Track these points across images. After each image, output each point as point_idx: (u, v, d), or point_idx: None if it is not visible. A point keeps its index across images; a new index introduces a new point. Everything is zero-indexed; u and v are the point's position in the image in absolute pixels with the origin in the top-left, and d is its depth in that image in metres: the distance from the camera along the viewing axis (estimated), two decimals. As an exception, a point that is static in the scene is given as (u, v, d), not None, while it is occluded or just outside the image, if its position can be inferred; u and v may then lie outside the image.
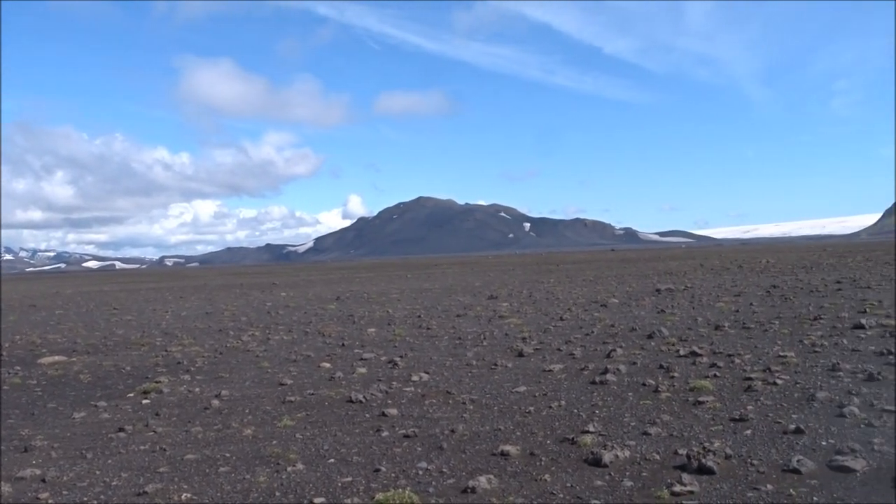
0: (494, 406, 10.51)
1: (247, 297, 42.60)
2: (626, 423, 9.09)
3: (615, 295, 29.51)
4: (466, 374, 13.17)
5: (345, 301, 34.46)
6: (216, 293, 49.00)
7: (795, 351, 13.57)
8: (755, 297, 25.02)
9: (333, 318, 25.65)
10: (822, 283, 29.88)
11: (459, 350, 16.24)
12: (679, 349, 14.44)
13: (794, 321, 17.92)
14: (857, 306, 20.38)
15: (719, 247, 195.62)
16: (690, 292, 29.08)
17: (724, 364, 12.63)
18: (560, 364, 13.58)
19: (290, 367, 15.00)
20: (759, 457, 7.45)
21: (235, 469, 7.99)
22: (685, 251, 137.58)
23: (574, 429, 8.93)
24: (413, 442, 8.76)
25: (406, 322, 22.85)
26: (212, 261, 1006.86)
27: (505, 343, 16.99)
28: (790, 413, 9.14)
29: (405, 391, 11.85)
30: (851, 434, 8.05)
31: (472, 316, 23.89)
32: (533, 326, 19.94)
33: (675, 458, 7.53)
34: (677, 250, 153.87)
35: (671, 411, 9.61)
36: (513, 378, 12.59)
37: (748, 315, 19.79)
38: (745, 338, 15.72)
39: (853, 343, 14.13)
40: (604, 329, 18.50)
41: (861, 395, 9.76)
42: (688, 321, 19.20)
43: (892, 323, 16.27)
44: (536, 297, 31.27)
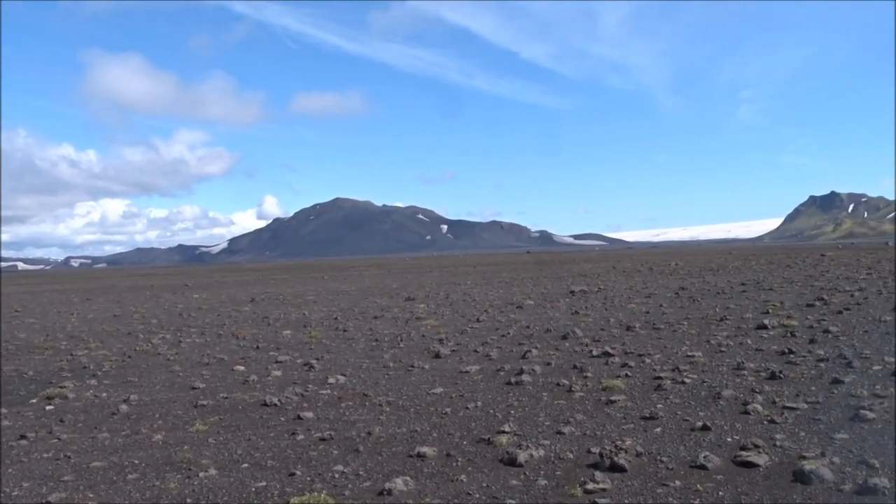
0: (411, 408, 10.52)
1: (157, 299, 41.45)
2: (541, 423, 9.22)
3: (531, 297, 29.90)
4: (383, 376, 13.13)
5: (260, 303, 33.91)
6: (125, 295, 47.51)
7: (703, 351, 14.02)
8: (665, 299, 25.72)
9: (248, 320, 25.21)
10: (727, 286, 30.93)
11: (376, 352, 16.18)
12: (592, 349, 14.73)
13: (701, 322, 18.50)
14: (761, 307, 21.17)
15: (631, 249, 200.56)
16: (603, 294, 29.69)
17: (636, 364, 12.95)
18: (476, 365, 13.68)
19: (203, 370, 14.68)
20: (669, 454, 7.66)
21: (144, 476, 7.77)
22: (598, 254, 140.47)
23: (490, 429, 9.01)
24: (329, 445, 8.68)
25: (322, 324, 22.64)
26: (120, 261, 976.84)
27: (422, 345, 17.02)
28: (697, 411, 9.44)
29: (321, 394, 11.74)
30: (755, 430, 8.37)
31: (390, 318, 23.84)
32: (450, 328, 20.03)
33: (589, 457, 7.68)
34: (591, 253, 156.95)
35: (584, 410, 9.79)
36: (430, 379, 12.62)
37: (658, 316, 20.34)
38: (655, 338, 16.15)
39: (757, 343, 14.68)
40: (519, 330, 18.72)
41: (764, 393, 10.15)
42: (601, 322, 19.61)
43: (793, 323, 16.97)
44: (453, 298, 31.42)
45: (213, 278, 75.86)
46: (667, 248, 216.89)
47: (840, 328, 15.81)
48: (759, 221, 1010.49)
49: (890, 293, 23.40)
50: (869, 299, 21.82)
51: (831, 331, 15.45)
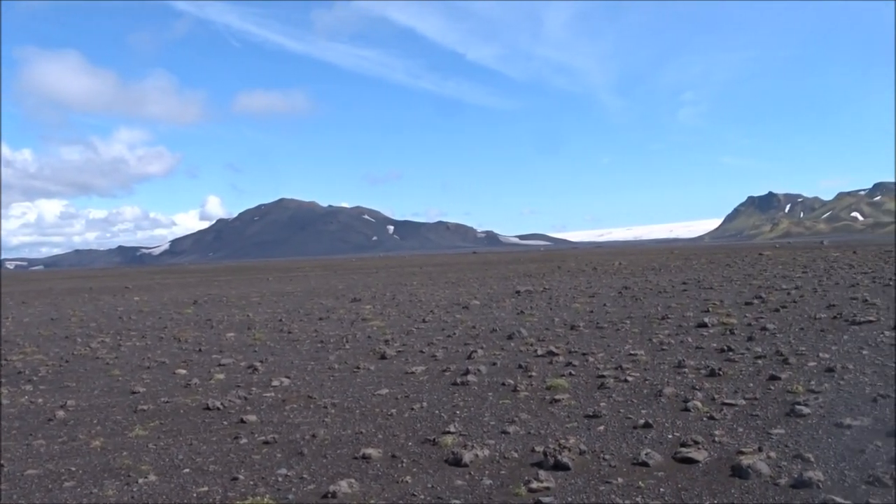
0: (356, 409, 10.47)
1: (96, 301, 40.51)
2: (486, 423, 9.26)
3: (477, 297, 30.00)
4: (328, 378, 13.05)
5: (202, 305, 33.38)
6: (62, 298, 46.32)
7: (645, 349, 14.23)
8: (608, 298, 26.05)
9: (190, 322, 24.80)
10: (669, 285, 31.46)
11: (321, 354, 16.06)
12: (537, 349, 14.84)
13: (643, 321, 18.78)
14: (701, 306, 21.58)
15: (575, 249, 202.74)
16: (548, 294, 29.94)
17: (579, 363, 13.09)
18: (422, 366, 13.68)
19: (143, 374, 14.39)
20: (611, 451, 7.77)
21: (82, 483, 7.58)
22: (544, 254, 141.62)
23: (435, 430, 9.02)
24: (273, 448, 8.59)
25: (267, 326, 22.39)
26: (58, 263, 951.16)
27: (368, 346, 16.95)
28: (640, 408, 9.59)
29: (265, 397, 11.61)
30: (695, 427, 8.53)
31: (335, 319, 23.69)
32: (396, 329, 19.99)
33: (533, 456, 7.73)
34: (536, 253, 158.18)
35: (529, 410, 9.87)
36: (375, 381, 12.58)
37: (602, 315, 20.59)
38: (599, 337, 16.35)
39: (697, 341, 14.96)
40: (465, 331, 18.77)
41: (704, 390, 10.36)
42: (545, 322, 19.77)
43: (732, 321, 17.34)
44: (399, 299, 31.36)
45: (154, 280, 74.44)
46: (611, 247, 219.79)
47: (777, 326, 16.20)
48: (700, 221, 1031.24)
49: (825, 291, 24.07)
50: (804, 297, 22.41)
51: (768, 328, 15.83)
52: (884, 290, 23.21)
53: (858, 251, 61.32)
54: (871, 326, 15.39)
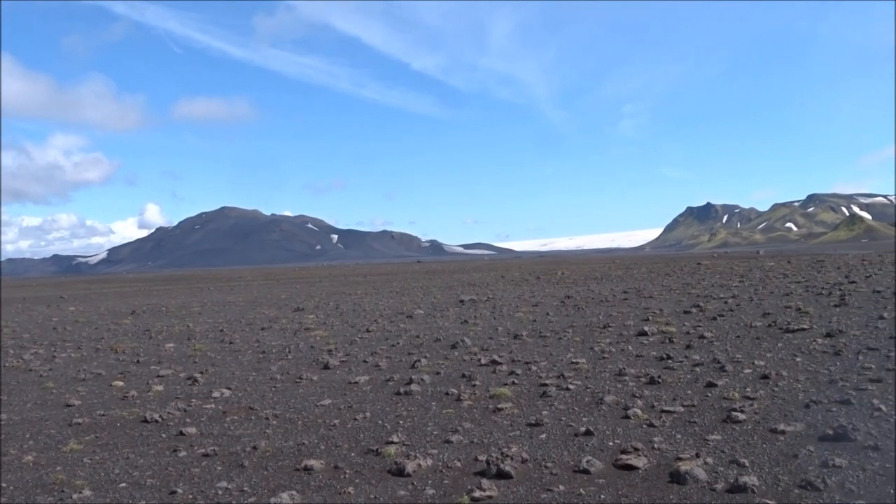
0: (298, 420, 10.37)
1: (30, 312, 39.34)
2: (430, 433, 9.27)
3: (421, 306, 30.00)
4: (270, 389, 12.90)
5: (141, 315, 32.69)
6: (-6, 308, 44.87)
7: (586, 357, 14.40)
8: (551, 307, 26.28)
9: (128, 333, 24.26)
10: (610, 294, 31.89)
11: (263, 364, 15.88)
12: (481, 358, 14.90)
13: (585, 329, 19.00)
14: (641, 315, 21.93)
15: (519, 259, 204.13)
16: (492, 303, 30.08)
17: (522, 371, 13.18)
18: (366, 376, 13.61)
19: (79, 386, 14.03)
20: (553, 459, 7.84)
21: (13, 500, 7.35)
22: (488, 263, 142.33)
23: (378, 440, 8.99)
24: (212, 461, 8.46)
25: (207, 336, 22.04)
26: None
27: (310, 356, 16.80)
28: (581, 416, 9.70)
29: (205, 408, 11.42)
30: (635, 434, 8.67)
31: (278, 329, 23.44)
32: (339, 338, 19.86)
33: (476, 465, 7.76)
34: (480, 262, 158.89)
35: (472, 419, 9.90)
36: (318, 391, 12.48)
37: (544, 324, 20.77)
38: (542, 346, 16.49)
39: (637, 349, 15.20)
40: (409, 340, 18.74)
41: (643, 398, 10.52)
42: (489, 331, 19.86)
43: (671, 330, 17.66)
44: (343, 308, 31.17)
45: (90, 290, 72.65)
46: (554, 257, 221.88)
47: (714, 334, 16.56)
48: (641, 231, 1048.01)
49: (760, 300, 24.67)
50: (741, 306, 22.93)
51: (706, 336, 16.16)
52: (816, 298, 23.89)
53: (792, 261, 63.04)
54: (805, 334, 15.82)
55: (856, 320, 17.47)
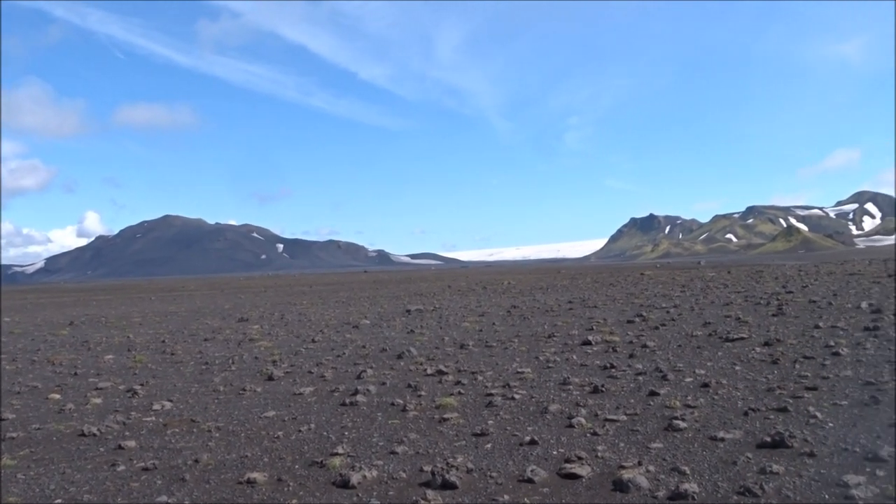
0: (242, 433, 10.22)
1: (-38, 323, 38.07)
2: (375, 443, 9.22)
3: (367, 316, 29.88)
4: (213, 401, 12.70)
5: (79, 326, 31.89)
6: (-77, 319, 43.31)
7: (532, 367, 14.50)
8: (497, 317, 26.42)
9: (66, 344, 23.65)
10: (556, 303, 32.17)
11: (206, 375, 15.62)
12: (427, 368, 14.89)
13: (531, 339, 19.14)
14: (586, 324, 22.17)
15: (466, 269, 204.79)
16: (439, 313, 30.11)
17: (468, 381, 13.21)
18: (311, 386, 13.50)
19: (13, 399, 13.61)
20: (498, 469, 7.86)
21: (-59, 518, 7.10)
22: (435, 273, 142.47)
23: (323, 451, 8.91)
24: (152, 475, 8.28)
25: (148, 347, 21.61)
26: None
27: (255, 367, 16.60)
28: (526, 426, 9.75)
29: (145, 421, 11.18)
30: (579, 443, 8.75)
31: (221, 340, 23.10)
32: (284, 349, 19.66)
33: (421, 475, 7.74)
34: (427, 272, 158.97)
35: (418, 429, 9.88)
36: (262, 403, 12.33)
37: (491, 334, 20.86)
38: (488, 356, 16.55)
39: (581, 358, 15.36)
40: (355, 350, 18.65)
41: (587, 407, 10.63)
42: (435, 341, 19.86)
43: (615, 339, 17.89)
44: (288, 319, 30.88)
45: (27, 300, 70.59)
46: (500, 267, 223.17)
47: (657, 343, 16.83)
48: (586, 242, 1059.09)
49: (701, 309, 25.15)
50: (682, 315, 23.35)
51: (649, 346, 16.41)
52: (755, 308, 24.44)
53: (732, 271, 64.42)
54: (744, 343, 16.17)
55: (792, 329, 17.91)
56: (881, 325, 17.18)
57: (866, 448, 7.79)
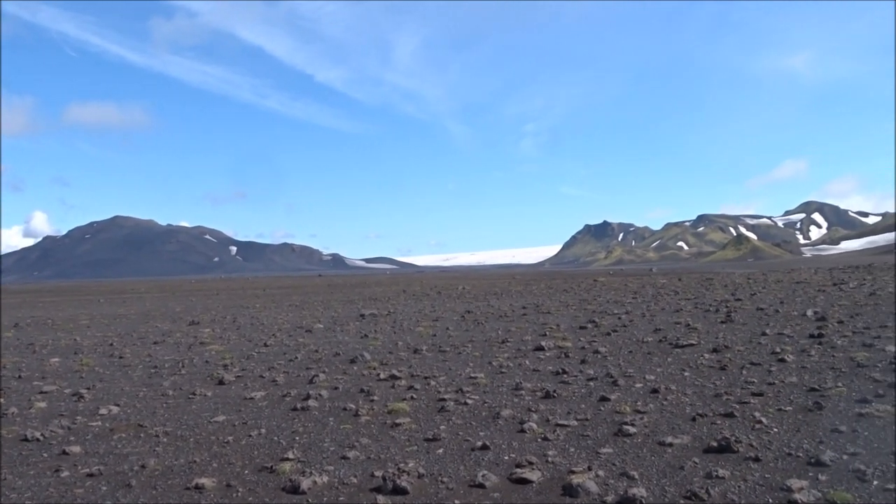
0: (190, 437, 10.08)
1: None
2: (326, 449, 9.16)
3: (320, 320, 29.69)
4: (161, 405, 12.49)
5: (24, 328, 31.13)
6: None
7: (485, 372, 14.55)
8: (451, 322, 26.46)
9: (9, 347, 23.06)
10: (510, 309, 32.32)
11: (155, 379, 15.38)
12: (380, 373, 14.85)
13: (484, 344, 19.20)
14: (539, 330, 22.32)
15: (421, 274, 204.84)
16: (393, 317, 30.05)
17: (421, 386, 13.21)
18: (262, 391, 13.37)
19: (-47, 403, 13.24)
20: (449, 474, 7.87)
21: None
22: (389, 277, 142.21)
23: (273, 457, 8.83)
24: (97, 481, 8.11)
25: (96, 350, 21.19)
26: None
27: (205, 371, 16.38)
28: (478, 431, 9.78)
29: (91, 426, 10.96)
30: (530, 448, 8.80)
31: (171, 343, 22.75)
32: (236, 353, 19.44)
33: (372, 481, 7.71)
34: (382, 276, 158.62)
35: (370, 434, 9.85)
36: (212, 407, 12.17)
37: (444, 339, 20.89)
38: (441, 360, 16.57)
39: (534, 364, 15.45)
40: (308, 354, 18.52)
41: (539, 412, 10.70)
42: (389, 345, 19.82)
43: (568, 345, 18.04)
44: (241, 322, 30.55)
45: (-31, 301, 68.77)
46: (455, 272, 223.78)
47: (608, 349, 17.00)
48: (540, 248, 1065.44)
49: (652, 316, 25.49)
50: (634, 322, 23.64)
51: (600, 351, 16.58)
52: (704, 315, 24.85)
53: (683, 278, 65.43)
54: (693, 349, 16.43)
55: (740, 336, 18.26)
56: (826, 333, 17.60)
57: (809, 453, 7.97)
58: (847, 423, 9.22)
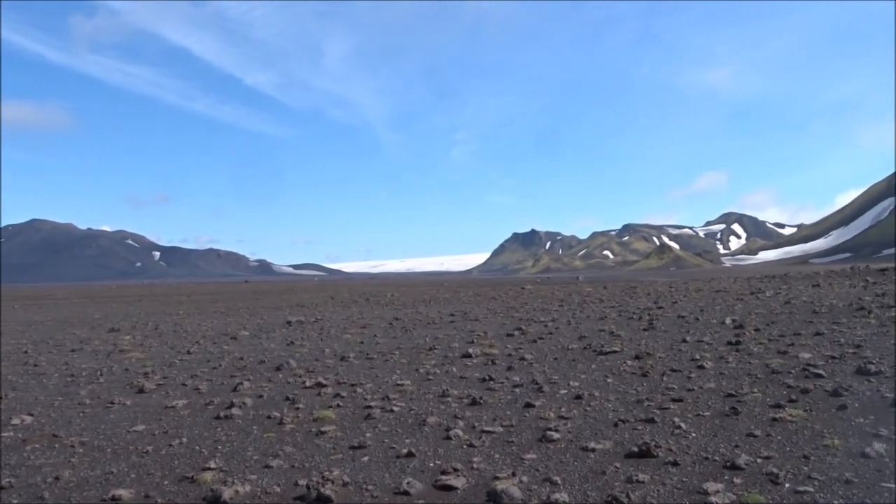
0: (108, 448, 9.80)
1: None
2: (249, 458, 9.02)
3: (246, 327, 29.24)
4: (78, 415, 12.11)
5: (-68, 335, 29.79)
6: None
7: (412, 379, 14.54)
8: (379, 329, 26.37)
9: (-85, 355, 22.04)
10: (438, 316, 32.39)
11: (72, 388, 14.90)
12: (306, 380, 14.70)
13: (412, 351, 19.19)
14: (467, 337, 22.43)
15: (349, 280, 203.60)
16: (320, 324, 29.79)
17: (347, 394, 13.12)
18: (184, 399, 13.08)
19: None
20: (374, 482, 7.84)
21: None
22: (318, 284, 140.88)
23: (195, 466, 8.65)
24: (8, 493, 7.82)
25: (9, 358, 20.40)
26: None
27: (125, 379, 15.95)
28: (404, 438, 9.77)
29: (2, 437, 10.55)
30: (455, 454, 8.83)
31: (90, 350, 22.08)
32: (157, 360, 18.98)
33: (296, 489, 7.63)
34: (310, 283, 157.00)
35: (294, 443, 9.74)
36: (131, 416, 11.85)
37: (372, 346, 20.80)
38: (368, 368, 16.49)
39: (461, 371, 15.52)
40: (232, 362, 18.21)
41: (465, 419, 10.75)
42: (316, 353, 19.64)
43: (494, 352, 18.18)
44: (163, 329, 29.84)
45: None
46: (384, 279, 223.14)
47: (534, 356, 17.19)
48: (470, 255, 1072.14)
49: (578, 323, 25.88)
50: (560, 329, 23.95)
51: (526, 358, 16.76)
52: (628, 322, 25.35)
53: (608, 287, 66.61)
54: (616, 356, 16.74)
55: (662, 343, 18.68)
56: (743, 340, 18.16)
57: (725, 457, 8.20)
58: (761, 427, 9.53)
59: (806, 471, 7.59)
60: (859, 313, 23.98)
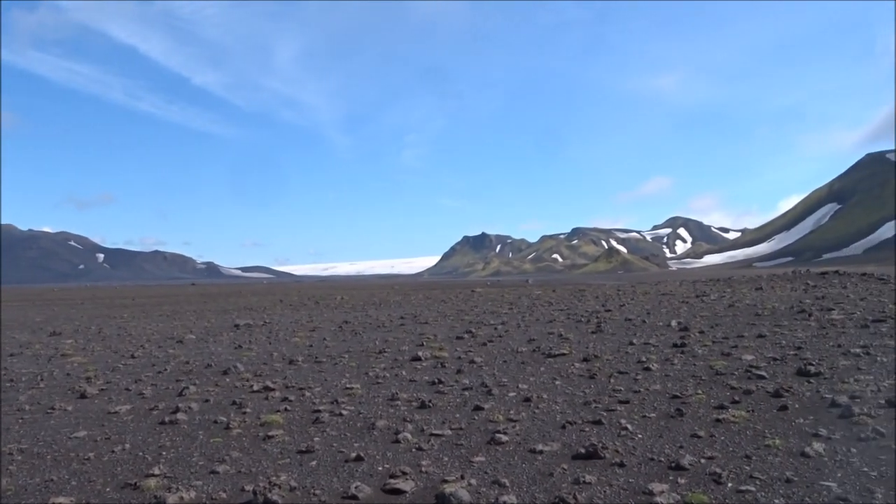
0: (48, 455, 9.56)
1: None
2: (195, 463, 8.89)
3: (193, 331, 28.79)
4: (16, 421, 11.80)
5: None
6: None
7: (361, 383, 14.48)
8: (329, 332, 26.19)
9: None
10: (388, 319, 32.28)
11: (10, 394, 14.50)
12: (253, 384, 14.53)
13: (361, 354, 19.10)
14: (417, 340, 22.40)
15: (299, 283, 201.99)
16: (269, 328, 29.48)
17: (296, 398, 13.01)
18: (127, 405, 12.83)
19: None
20: (322, 486, 7.79)
21: None
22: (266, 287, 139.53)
23: (138, 473, 8.49)
24: (-59, 503, 7.58)
25: (-56, 363, 19.78)
26: None
27: (66, 384, 15.58)
28: (353, 442, 9.73)
29: (-64, 444, 10.23)
30: (404, 458, 8.82)
31: (30, 355, 21.52)
32: (100, 365, 18.58)
33: (242, 495, 7.54)
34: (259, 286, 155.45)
35: (241, 447, 9.62)
36: (72, 422, 11.59)
37: (321, 349, 20.65)
38: (317, 371, 16.37)
39: (411, 374, 15.50)
40: (178, 366, 17.91)
41: (414, 422, 10.74)
42: (264, 356, 19.43)
43: (444, 355, 18.19)
44: (106, 333, 29.22)
45: None
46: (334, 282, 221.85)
47: (484, 359, 17.25)
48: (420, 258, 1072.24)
49: (527, 326, 26.03)
50: (509, 332, 24.06)
51: (476, 361, 16.80)
52: (576, 325, 25.58)
53: (557, 290, 67.16)
54: (564, 359, 16.89)
55: (609, 346, 18.89)
56: (688, 343, 18.46)
57: (670, 457, 8.34)
58: (705, 428, 9.71)
59: (748, 470, 7.75)
60: (800, 316, 24.57)
